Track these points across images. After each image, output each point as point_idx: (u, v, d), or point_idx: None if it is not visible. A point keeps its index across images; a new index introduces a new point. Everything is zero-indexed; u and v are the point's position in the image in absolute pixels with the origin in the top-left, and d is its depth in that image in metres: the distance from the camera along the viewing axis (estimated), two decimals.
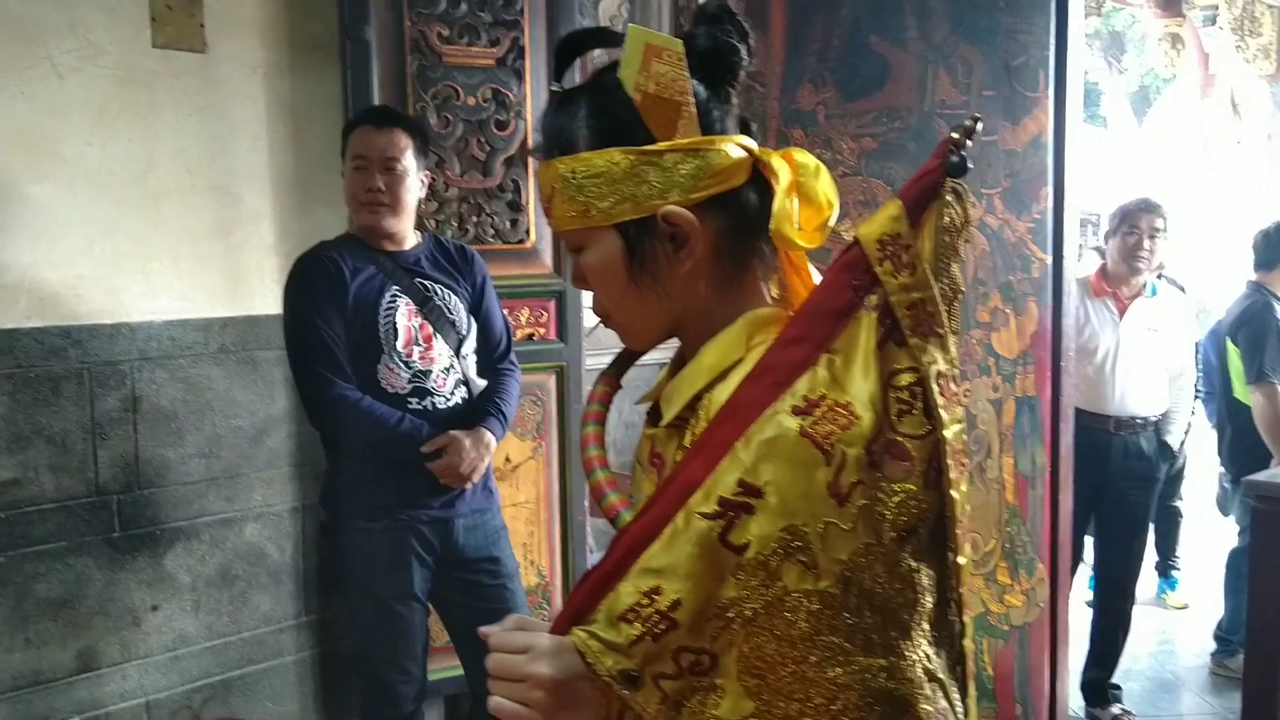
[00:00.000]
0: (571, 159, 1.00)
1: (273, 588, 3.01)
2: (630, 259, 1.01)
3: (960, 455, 0.93)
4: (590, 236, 1.02)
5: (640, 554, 0.91)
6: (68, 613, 2.66)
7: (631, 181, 0.98)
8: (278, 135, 2.92)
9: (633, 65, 0.97)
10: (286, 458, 3.01)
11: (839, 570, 0.88)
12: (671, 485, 0.92)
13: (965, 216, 0.93)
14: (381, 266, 2.53)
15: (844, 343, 0.91)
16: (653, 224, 0.99)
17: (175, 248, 2.77)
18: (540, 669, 0.92)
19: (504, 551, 2.70)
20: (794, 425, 0.88)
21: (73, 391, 2.63)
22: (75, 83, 2.59)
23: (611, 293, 1.04)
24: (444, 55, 2.97)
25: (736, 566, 0.88)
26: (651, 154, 0.98)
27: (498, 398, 2.63)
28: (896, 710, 0.91)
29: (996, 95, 2.43)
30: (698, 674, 0.90)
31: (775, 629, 0.88)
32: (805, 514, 0.87)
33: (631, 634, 0.90)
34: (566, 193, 1.00)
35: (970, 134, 0.91)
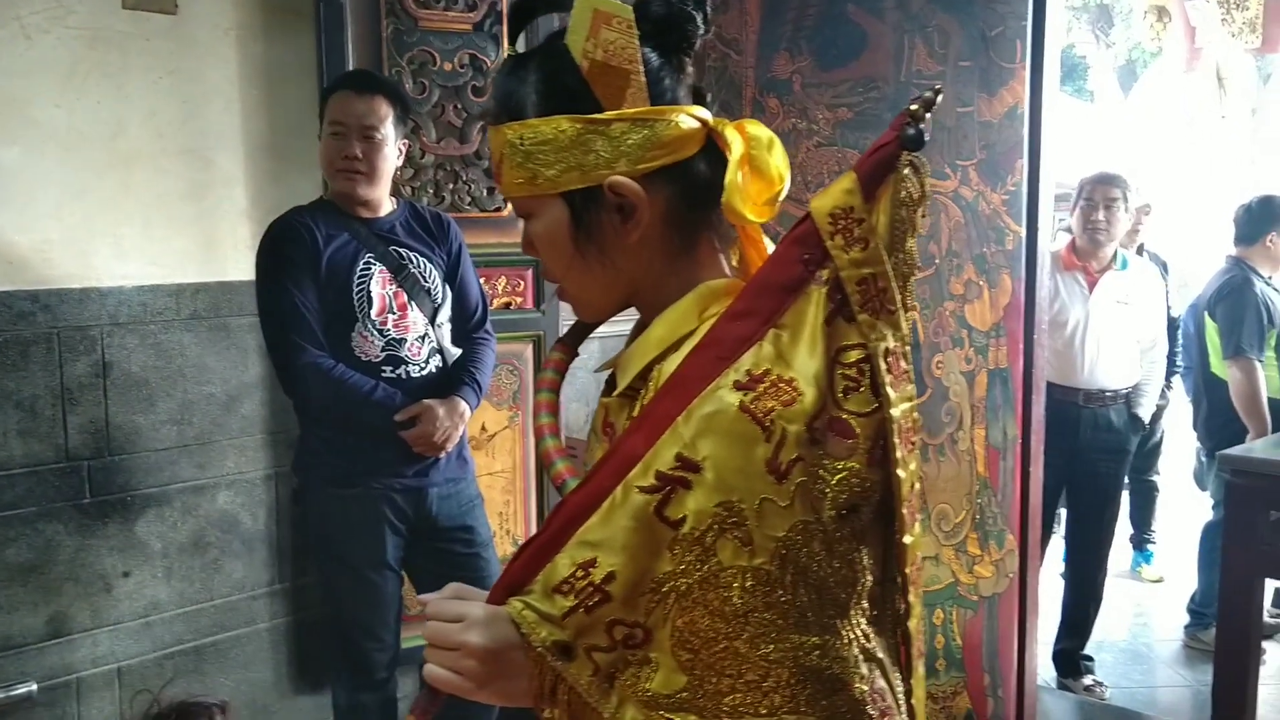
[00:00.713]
0: (520, 125, 0.98)
1: (245, 555, 3.00)
2: (576, 228, 1.00)
3: (910, 434, 0.92)
4: (537, 204, 1.01)
5: (579, 525, 0.91)
6: (38, 578, 2.65)
7: (578, 150, 0.97)
8: (251, 99, 2.88)
9: (580, 32, 0.96)
10: (259, 425, 2.99)
11: (774, 547, 0.87)
12: (612, 458, 0.92)
13: (922, 190, 0.91)
14: (356, 233, 2.51)
15: (792, 317, 0.90)
16: (599, 194, 0.98)
17: (146, 212, 2.75)
18: (473, 638, 0.92)
19: (478, 520, 2.70)
20: (734, 400, 0.87)
21: (42, 356, 2.61)
22: (44, 44, 2.55)
23: (558, 261, 1.03)
24: (420, 19, 2.94)
25: (672, 541, 0.87)
26: (598, 123, 0.96)
27: (472, 366, 2.62)
28: (829, 689, 0.91)
29: (973, 66, 2.41)
30: (631, 647, 0.90)
31: (709, 604, 0.88)
32: (742, 490, 0.86)
33: (565, 605, 0.90)
34: (514, 159, 0.99)
35: (930, 106, 0.89)
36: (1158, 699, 3.90)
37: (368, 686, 2.63)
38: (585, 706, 0.90)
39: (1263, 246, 4.16)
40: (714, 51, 2.36)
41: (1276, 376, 4.11)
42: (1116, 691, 3.88)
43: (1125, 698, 3.85)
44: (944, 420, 2.44)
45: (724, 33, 2.33)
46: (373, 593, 2.58)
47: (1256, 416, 3.96)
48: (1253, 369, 3.96)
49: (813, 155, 2.31)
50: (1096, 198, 3.76)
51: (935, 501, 2.45)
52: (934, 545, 2.46)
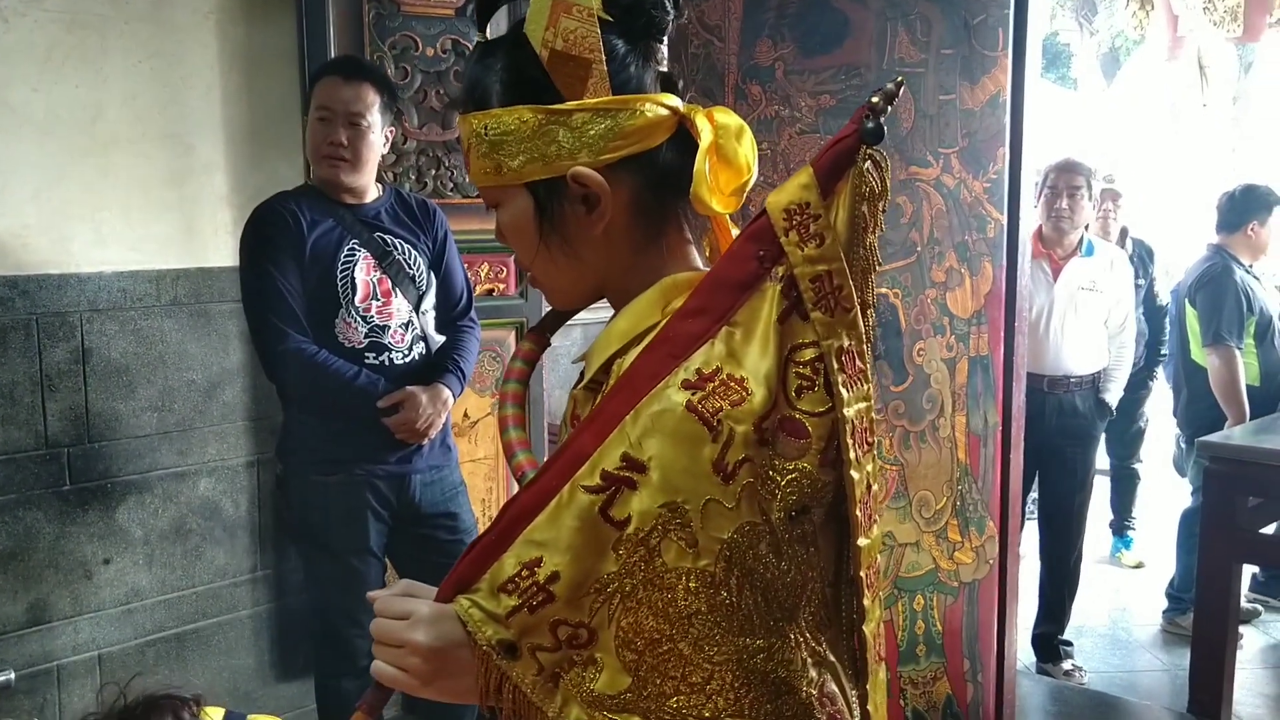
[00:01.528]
0: (484, 114, 0.98)
1: (227, 542, 2.99)
2: (540, 219, 0.99)
3: (866, 434, 0.91)
4: (503, 194, 1.00)
5: (527, 523, 0.90)
6: (17, 565, 2.64)
7: (541, 140, 0.95)
8: (231, 84, 2.87)
9: (539, 21, 0.95)
10: (241, 412, 2.98)
11: (720, 548, 0.86)
12: (563, 455, 0.91)
13: (884, 185, 0.89)
14: (340, 219, 2.50)
15: (745, 315, 0.89)
16: (563, 184, 0.97)
17: (126, 197, 2.73)
18: (418, 636, 0.92)
19: (462, 507, 2.70)
20: (682, 399, 0.86)
21: (20, 343, 2.60)
22: (21, 27, 2.53)
23: (525, 251, 1.02)
24: (402, 4, 2.93)
25: (617, 541, 0.87)
26: (560, 113, 0.95)
27: (456, 354, 2.62)
28: (775, 692, 0.89)
29: (955, 54, 2.41)
30: (575, 647, 0.89)
31: (653, 605, 0.87)
32: (687, 490, 0.85)
33: (510, 605, 0.89)
34: (480, 148, 0.98)
35: (891, 99, 0.87)
36: (1136, 683, 3.94)
37: (349, 673, 2.63)
38: (530, 706, 0.90)
39: (1244, 235, 4.19)
40: (696, 38, 2.35)
41: (1256, 365, 4.15)
42: (1095, 676, 3.92)
43: (1104, 682, 3.88)
44: (925, 407, 2.45)
45: (706, 19, 2.32)
46: (355, 579, 2.58)
47: (1235, 404, 4.00)
48: (1231, 356, 4.00)
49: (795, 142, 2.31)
50: (1060, 185, 3.79)
51: (916, 488, 2.46)
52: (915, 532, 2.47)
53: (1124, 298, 3.97)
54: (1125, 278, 4.01)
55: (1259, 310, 4.11)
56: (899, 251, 2.40)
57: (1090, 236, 3.98)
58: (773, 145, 2.33)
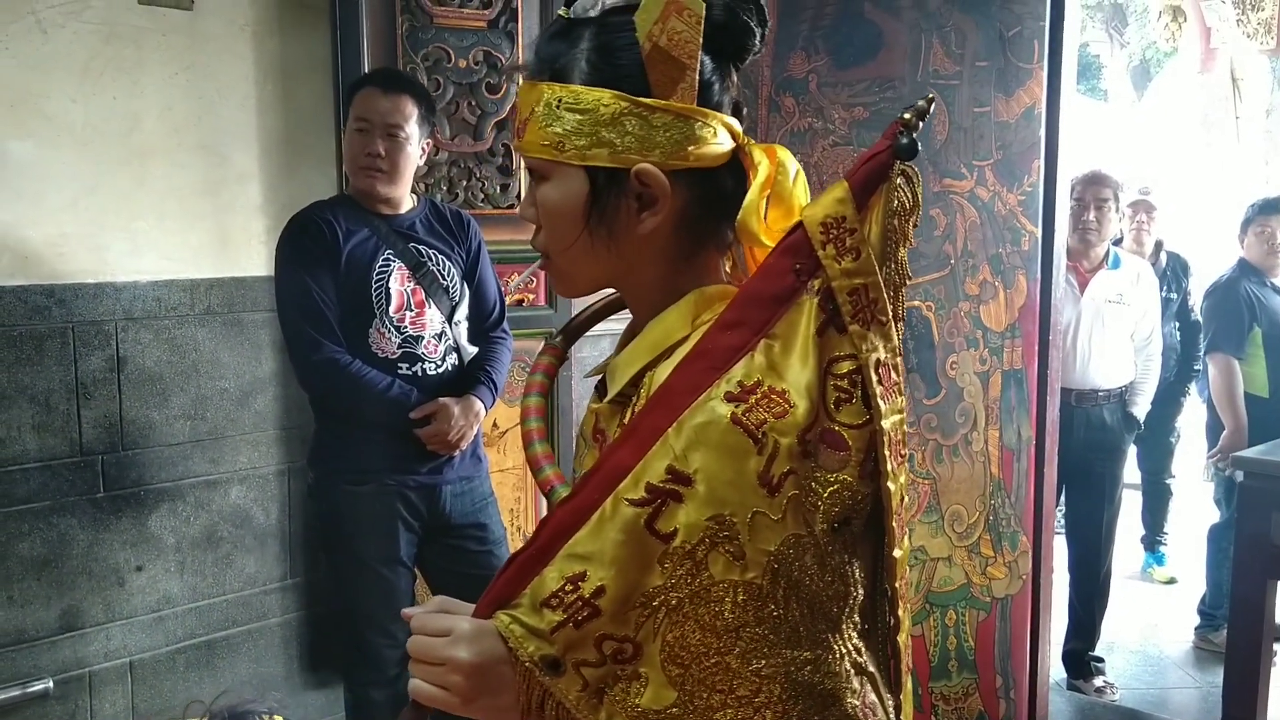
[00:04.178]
0: (561, 87, 0.96)
1: (258, 550, 3.01)
2: (592, 206, 0.97)
3: (899, 446, 0.91)
4: (557, 170, 0.98)
5: (567, 538, 0.89)
6: (51, 572, 2.65)
7: (614, 128, 0.94)
8: (266, 95, 2.89)
9: (652, 13, 0.94)
10: (273, 420, 3.00)
11: (766, 561, 0.86)
12: (601, 469, 0.90)
13: (915, 201, 0.90)
14: (376, 230, 2.51)
15: (784, 328, 0.89)
16: (624, 177, 0.96)
17: (161, 207, 2.75)
18: (459, 653, 0.91)
19: (491, 518, 2.71)
20: (726, 412, 0.86)
21: (56, 351, 2.62)
22: (60, 38, 2.55)
23: (562, 233, 1.00)
24: (435, 16, 2.94)
25: (663, 555, 0.86)
26: (644, 107, 0.94)
27: (488, 365, 2.62)
28: (822, 704, 0.89)
29: (990, 66, 2.40)
30: (620, 662, 0.89)
31: (700, 619, 0.87)
32: (734, 503, 0.85)
33: (554, 620, 0.88)
34: (545, 120, 0.96)
35: (923, 115, 0.88)
36: (1168, 700, 3.89)
37: (379, 682, 2.63)
38: None
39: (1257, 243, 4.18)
40: None
41: (1264, 375, 4.11)
42: (1127, 693, 3.88)
43: (1136, 699, 3.84)
44: (958, 421, 2.43)
45: None
46: (385, 588, 2.58)
47: (1231, 413, 4.00)
48: (1228, 366, 4.00)
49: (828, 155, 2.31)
50: (1088, 198, 3.76)
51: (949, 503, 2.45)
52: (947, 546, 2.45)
53: (1150, 311, 3.94)
54: (1152, 291, 3.98)
55: (1268, 321, 4.07)
56: (932, 264, 2.39)
57: (1118, 249, 3.96)
58: (806, 157, 2.33)
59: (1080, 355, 3.75)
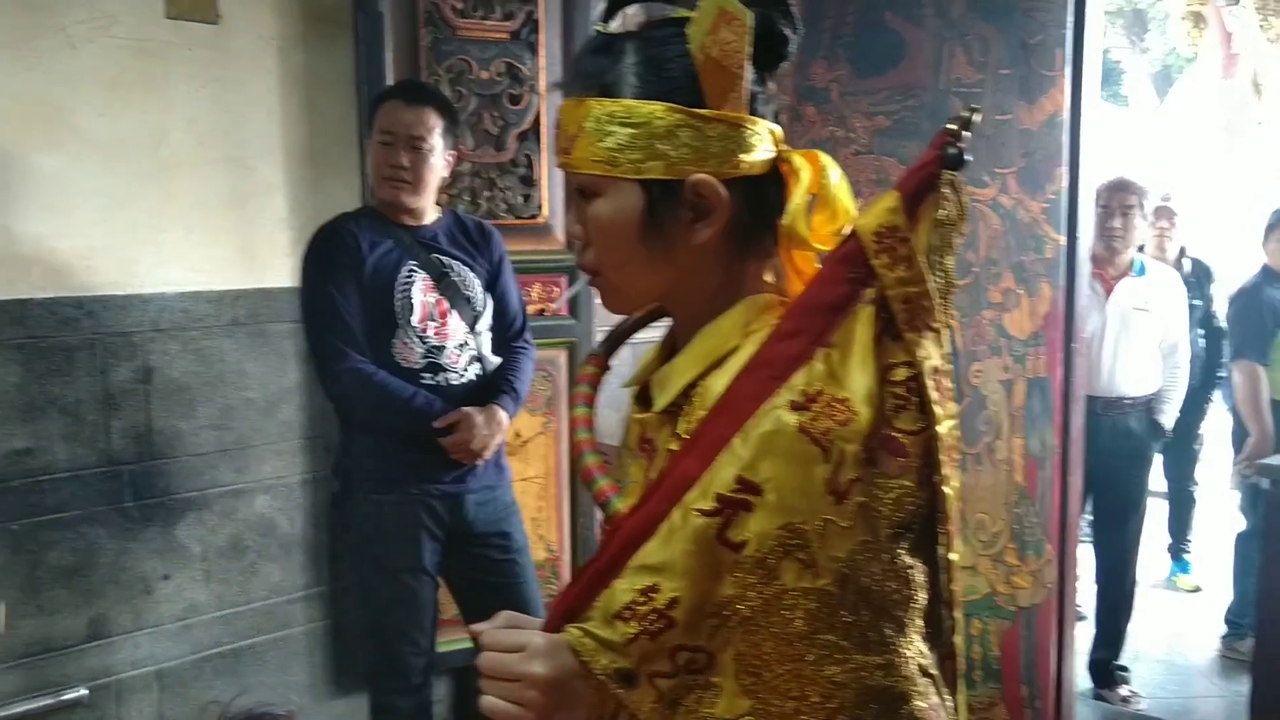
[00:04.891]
0: (611, 102, 0.96)
1: (283, 559, 3.02)
2: (646, 219, 0.97)
3: (952, 451, 0.92)
4: (608, 186, 0.98)
5: (635, 550, 0.90)
6: (80, 581, 2.68)
7: (668, 140, 0.94)
8: (291, 107, 2.91)
9: (703, 25, 0.94)
10: (297, 430, 3.02)
11: (837, 568, 0.87)
12: (666, 480, 0.91)
13: (962, 210, 0.91)
14: (399, 241, 2.53)
15: (841, 337, 0.90)
16: (678, 189, 0.96)
17: (188, 219, 2.78)
18: (535, 668, 0.90)
19: (514, 527, 2.71)
20: (792, 420, 0.87)
21: (85, 362, 2.65)
22: (88, 53, 2.58)
23: (616, 248, 1.00)
24: (458, 28, 2.96)
25: (734, 564, 0.87)
26: (698, 118, 0.94)
27: (511, 375, 2.63)
28: (892, 707, 0.90)
29: (1013, 74, 2.40)
30: (694, 672, 0.89)
31: (773, 627, 0.87)
32: (804, 511, 0.86)
33: (628, 632, 0.89)
34: (595, 136, 0.96)
35: (968, 125, 0.89)
36: (1194, 710, 3.87)
37: (403, 691, 2.64)
38: None
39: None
40: None
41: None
42: (1152, 702, 3.85)
43: (1161, 708, 3.81)
44: (981, 429, 2.43)
45: None
46: (409, 597, 2.60)
47: (1257, 420, 3.97)
48: (1253, 373, 3.97)
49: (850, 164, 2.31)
50: (1113, 204, 3.74)
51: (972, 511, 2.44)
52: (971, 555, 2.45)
53: (1177, 318, 3.92)
54: (1178, 298, 3.96)
55: None
56: (955, 272, 2.39)
57: (1143, 257, 3.94)
58: None
59: (1106, 363, 3.73)
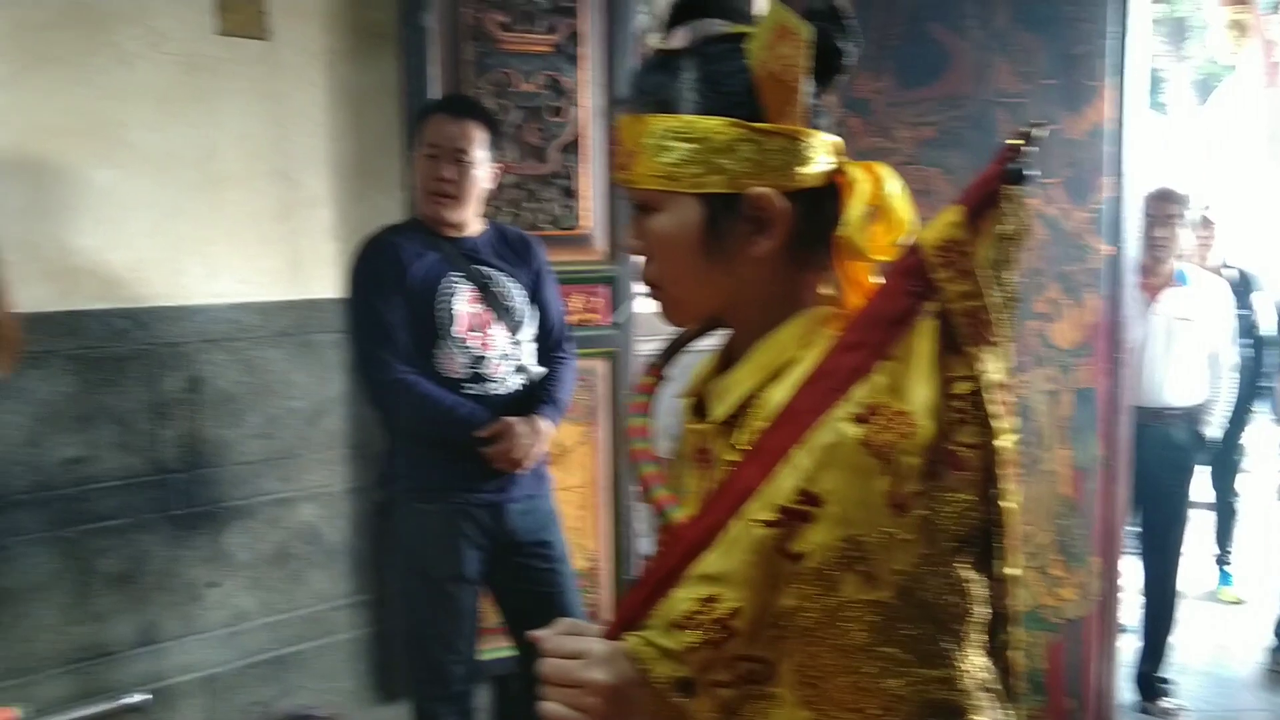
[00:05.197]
0: (671, 118, 0.97)
1: (327, 567, 3.05)
2: (707, 232, 0.98)
3: (1012, 466, 0.92)
4: (668, 200, 0.99)
5: (694, 560, 0.91)
6: (130, 587, 2.72)
7: (728, 154, 0.95)
8: (338, 121, 2.95)
9: (763, 40, 0.95)
10: (342, 439, 3.05)
11: (898, 581, 0.87)
12: (726, 490, 0.91)
13: (1024, 224, 0.91)
14: (442, 252, 2.56)
15: (902, 350, 0.90)
16: (737, 202, 0.97)
17: (236, 232, 2.82)
18: (596, 675, 0.91)
19: (555, 535, 2.73)
20: (854, 433, 0.87)
21: (136, 372, 2.69)
22: (141, 69, 2.63)
23: (676, 262, 1.01)
24: (501, 42, 2.99)
25: (794, 575, 0.87)
26: (758, 131, 0.95)
27: (553, 385, 2.65)
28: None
29: (1057, 84, 2.40)
30: (753, 683, 0.90)
31: (832, 639, 0.87)
32: (865, 523, 0.86)
33: (688, 641, 0.89)
34: (655, 151, 0.97)
35: (1031, 140, 0.89)
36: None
37: (445, 698, 2.66)
38: None
39: None
40: None
41: None
42: (1197, 715, 3.80)
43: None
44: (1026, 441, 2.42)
45: None
46: (451, 605, 2.61)
47: None
48: None
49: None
50: (1157, 214, 3.71)
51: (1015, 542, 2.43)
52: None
53: (1221, 328, 3.88)
54: (1222, 308, 3.92)
55: None
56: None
57: (1186, 266, 3.90)
58: None
59: (1150, 373, 3.70)
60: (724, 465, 0.99)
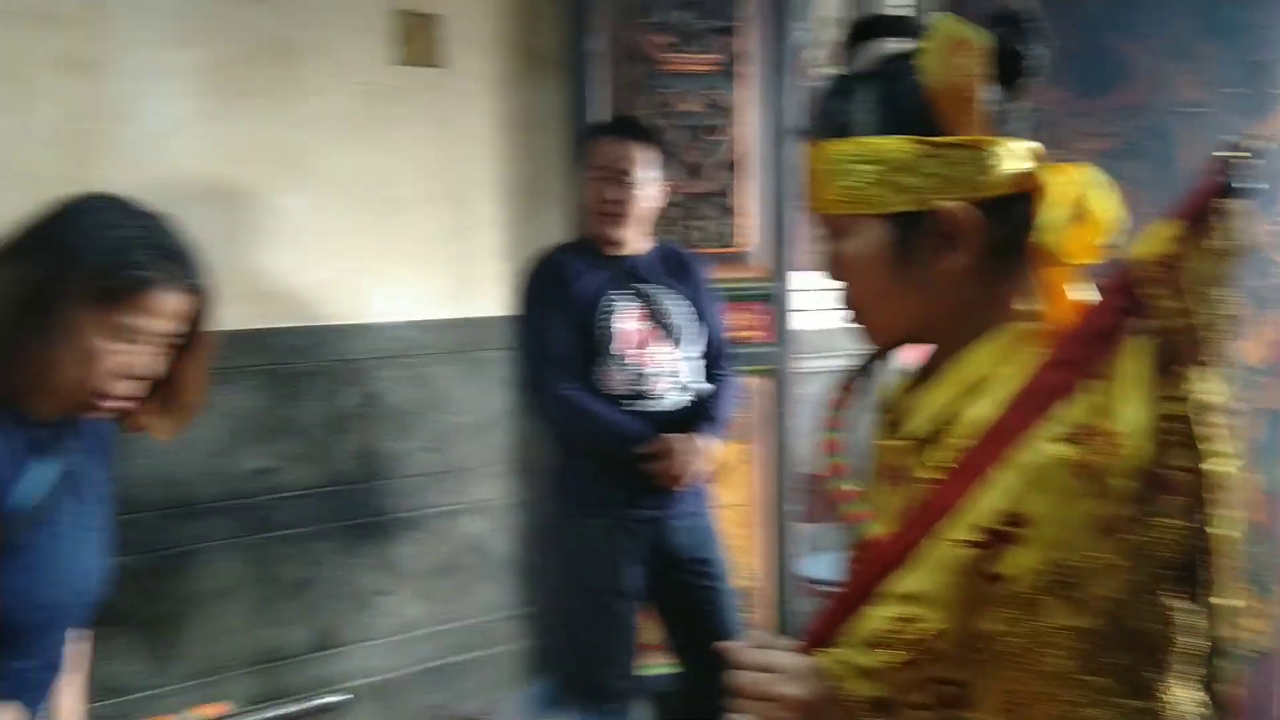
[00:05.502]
0: (850, 142, 0.97)
1: (491, 579, 3.13)
2: (896, 252, 0.98)
3: (1229, 492, 0.88)
4: (855, 224, 0.99)
5: (890, 578, 0.89)
6: (308, 593, 2.84)
7: (910, 172, 0.95)
8: (506, 144, 3.06)
9: (935, 53, 0.95)
10: (507, 454, 3.13)
11: (1105, 607, 0.84)
12: (924, 508, 0.90)
13: (1239, 239, 0.87)
14: (607, 270, 2.61)
15: (1112, 369, 0.87)
16: (924, 218, 0.96)
17: (410, 253, 2.94)
18: (791, 690, 0.91)
19: (715, 553, 2.74)
20: (1060, 453, 0.85)
21: (317, 387, 2.82)
22: (326, 100, 2.77)
23: (868, 285, 1.01)
24: (663, 63, 3.05)
25: (995, 598, 0.85)
26: (938, 146, 0.94)
27: (715, 403, 2.67)
28: None
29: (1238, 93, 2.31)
30: (950, 706, 0.88)
31: (1034, 665, 0.85)
32: (1073, 547, 0.84)
33: (883, 660, 0.88)
34: (838, 177, 0.98)
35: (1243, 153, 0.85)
36: None
37: (606, 713, 2.69)
38: None
39: None
40: None
41: None
42: None
43: None
44: None
45: None
46: (610, 620, 2.65)
47: None
48: None
49: None
50: None
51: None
52: None
53: None
54: None
55: None
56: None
57: None
58: None
59: None
60: (918, 482, 0.97)
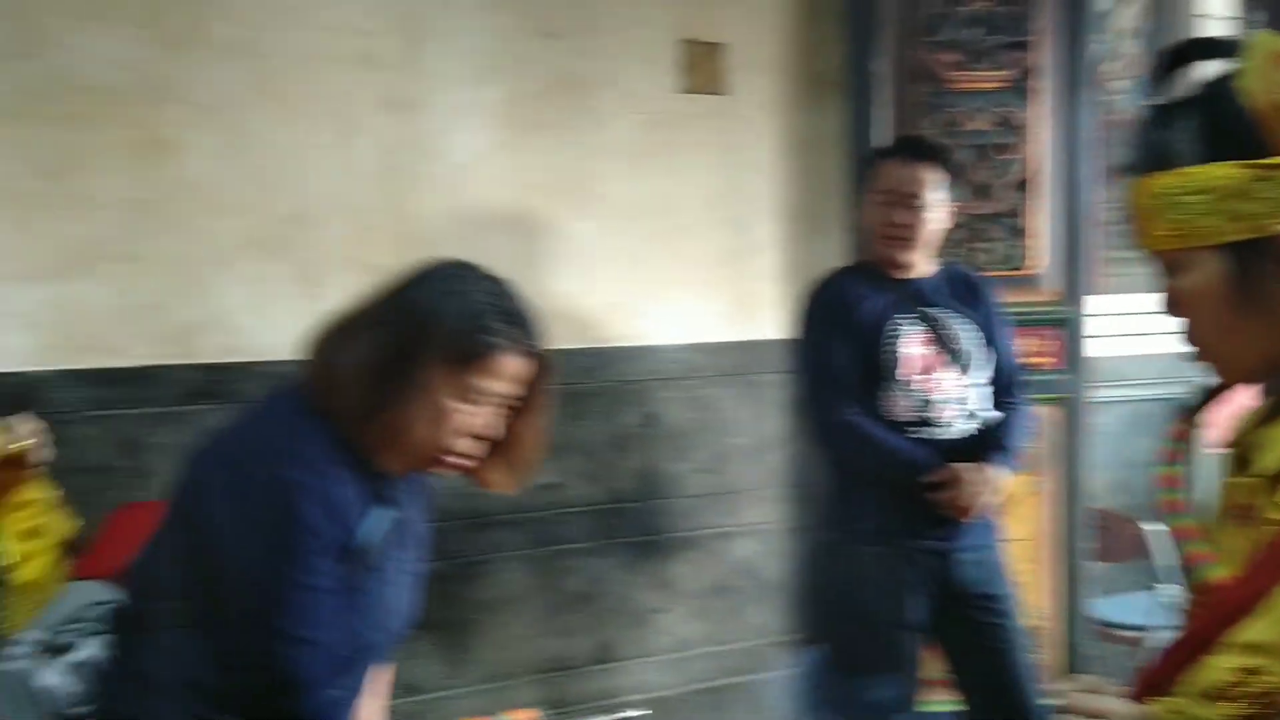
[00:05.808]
0: (1173, 174, 0.94)
1: (764, 603, 3.13)
2: (1238, 283, 0.93)
3: None
4: (1190, 258, 0.95)
5: (1235, 626, 0.84)
6: (589, 607, 2.93)
7: (1241, 198, 0.90)
8: (786, 168, 3.06)
9: (1256, 71, 0.90)
10: (781, 478, 3.12)
11: None
12: (1273, 552, 0.84)
13: None
14: (891, 294, 2.55)
15: None
16: (1265, 245, 0.91)
17: (690, 276, 2.99)
18: None
19: (1004, 589, 2.62)
20: None
21: (600, 407, 2.92)
22: (613, 128, 2.87)
23: (1209, 320, 0.96)
24: (950, 81, 2.96)
25: None
26: (1271, 168, 0.89)
27: (1006, 432, 2.55)
28: None
29: None
30: None
31: None
32: None
33: (1225, 714, 0.83)
34: (1163, 211, 0.94)
35: None
36: None
37: None
38: None
39: None
40: None
41: None
42: None
43: None
44: None
45: None
46: (892, 652, 2.58)
47: None
48: None
49: None
50: None
51: None
52: None
53: None
54: None
55: None
56: None
57: None
58: None
59: None
60: (1269, 523, 0.91)
